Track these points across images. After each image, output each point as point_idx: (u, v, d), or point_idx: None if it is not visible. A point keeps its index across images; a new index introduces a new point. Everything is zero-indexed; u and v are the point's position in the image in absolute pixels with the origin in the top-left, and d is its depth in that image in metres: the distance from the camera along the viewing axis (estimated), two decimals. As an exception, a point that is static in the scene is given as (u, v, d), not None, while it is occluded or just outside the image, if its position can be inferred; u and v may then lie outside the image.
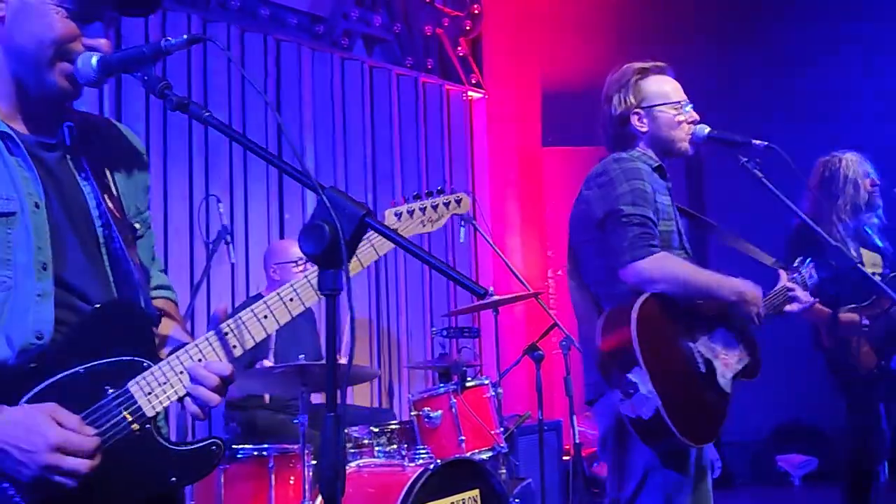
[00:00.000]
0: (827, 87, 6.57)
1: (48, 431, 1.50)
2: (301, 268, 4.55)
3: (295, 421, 3.69)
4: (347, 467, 3.81)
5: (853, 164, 4.08)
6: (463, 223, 4.99)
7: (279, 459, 3.70)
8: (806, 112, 6.58)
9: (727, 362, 2.77)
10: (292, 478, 3.72)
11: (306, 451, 3.60)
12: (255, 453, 3.74)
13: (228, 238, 3.94)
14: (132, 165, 1.86)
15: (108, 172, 1.78)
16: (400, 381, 5.80)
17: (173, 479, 1.65)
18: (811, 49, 6.64)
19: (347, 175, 5.88)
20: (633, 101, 2.89)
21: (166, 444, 1.67)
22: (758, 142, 2.96)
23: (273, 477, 3.67)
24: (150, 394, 1.64)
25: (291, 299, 1.76)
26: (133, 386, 1.63)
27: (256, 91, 4.82)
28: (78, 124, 1.76)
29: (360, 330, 5.80)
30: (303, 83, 5.68)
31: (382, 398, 5.65)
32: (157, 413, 1.65)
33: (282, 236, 5.35)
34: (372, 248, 1.90)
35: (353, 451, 3.99)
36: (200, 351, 1.69)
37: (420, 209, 2.06)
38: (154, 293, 1.92)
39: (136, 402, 1.63)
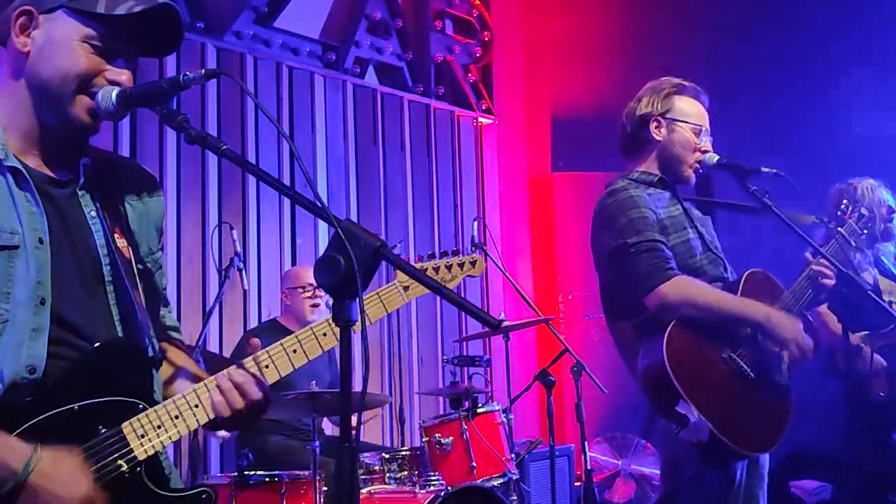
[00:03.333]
0: (839, 112, 6.57)
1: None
2: (310, 293, 4.57)
3: (307, 447, 3.70)
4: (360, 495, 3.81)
5: (869, 191, 4.06)
6: (473, 249, 5.00)
7: (291, 485, 3.70)
8: (815, 138, 6.58)
9: (780, 354, 2.76)
10: (304, 504, 3.72)
11: (318, 478, 3.61)
12: (267, 479, 3.74)
13: (241, 265, 3.96)
14: (148, 206, 1.86)
15: (121, 211, 1.78)
16: (411, 408, 5.79)
17: None
18: (824, 74, 6.66)
19: (359, 201, 5.92)
20: (659, 107, 2.94)
21: (155, 489, 1.64)
22: (766, 169, 2.98)
23: (285, 503, 3.67)
24: (143, 436, 1.61)
25: (325, 334, 1.83)
26: (126, 427, 1.61)
27: (270, 121, 4.85)
28: (95, 162, 1.77)
29: (371, 357, 5.81)
30: (315, 110, 5.73)
31: (393, 425, 5.65)
32: (149, 456, 1.63)
33: (294, 263, 5.37)
34: (381, 303, 1.90)
35: (364, 477, 3.99)
36: (209, 390, 1.69)
37: (434, 268, 2.04)
38: (171, 334, 1.92)
39: (128, 444, 1.60)
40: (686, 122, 2.93)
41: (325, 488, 3.71)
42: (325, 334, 1.83)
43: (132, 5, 1.66)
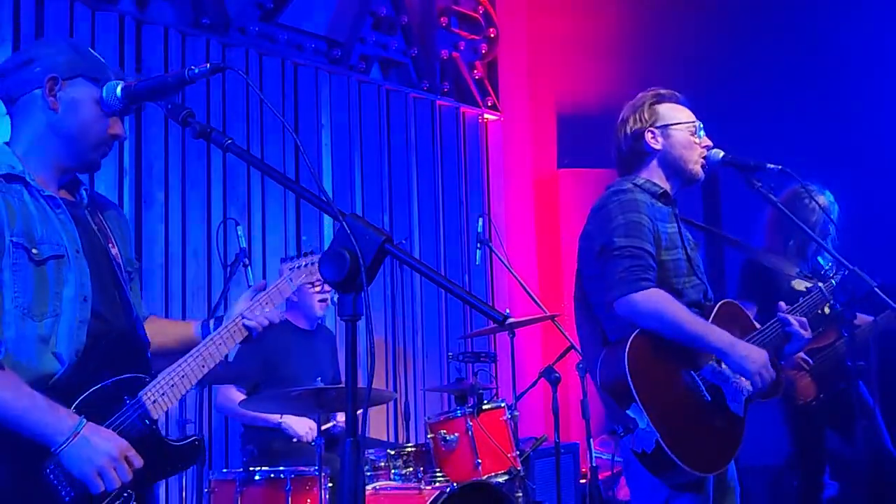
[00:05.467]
0: (848, 111, 6.54)
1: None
2: (318, 288, 4.55)
3: (312, 444, 3.70)
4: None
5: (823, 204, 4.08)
6: (479, 245, 5.00)
7: (296, 482, 3.70)
8: (821, 136, 6.56)
9: (740, 385, 2.75)
10: (309, 500, 3.72)
11: (323, 474, 3.61)
12: (272, 475, 3.74)
13: (246, 261, 3.96)
14: (121, 226, 2.33)
15: (109, 229, 2.25)
16: (416, 404, 5.79)
17: (169, 467, 2.18)
18: (829, 72, 6.63)
19: (364, 197, 5.92)
20: (647, 119, 2.91)
21: (165, 438, 2.16)
22: (772, 165, 2.97)
23: (290, 499, 3.67)
24: (154, 402, 2.12)
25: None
26: (144, 395, 2.12)
27: (275, 115, 4.88)
28: (88, 190, 2.26)
29: (376, 352, 5.81)
30: (320, 106, 5.73)
31: (398, 421, 5.65)
32: (159, 415, 2.14)
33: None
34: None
35: (369, 473, 3.98)
36: (202, 355, 2.21)
37: (290, 269, 2.52)
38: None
39: (145, 408, 2.11)
40: (679, 124, 2.91)
41: (330, 484, 3.71)
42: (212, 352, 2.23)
43: (135, 79, 2.05)
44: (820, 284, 3.07)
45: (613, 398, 2.66)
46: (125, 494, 2.03)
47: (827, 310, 3.69)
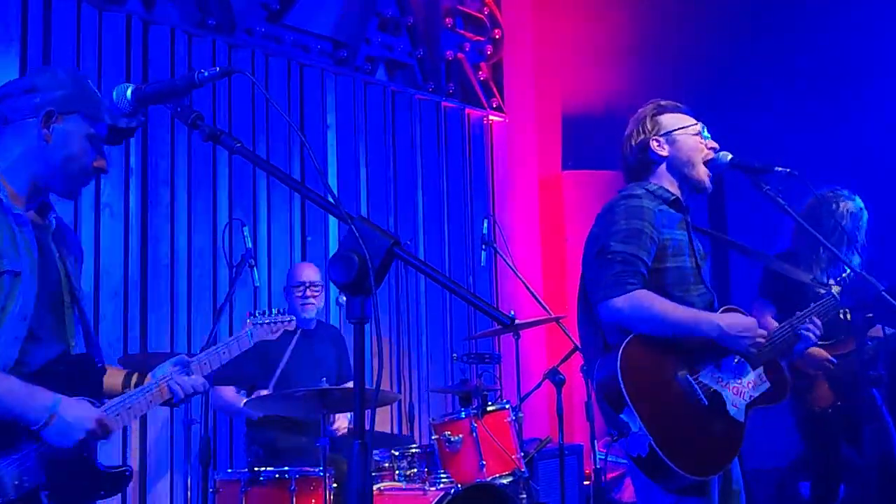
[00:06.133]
0: (857, 113, 6.53)
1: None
2: (301, 293, 4.54)
3: (317, 444, 3.71)
4: (369, 491, 3.82)
5: (848, 211, 4.05)
6: (483, 247, 5.00)
7: (301, 482, 3.71)
8: (830, 138, 6.55)
9: (740, 391, 2.74)
10: (313, 501, 3.73)
11: (328, 475, 3.61)
12: (277, 476, 3.75)
13: (252, 262, 3.97)
14: (77, 256, 2.42)
15: (67, 256, 2.34)
16: (420, 405, 5.80)
17: (100, 490, 2.25)
18: (838, 73, 6.62)
19: (369, 198, 5.92)
20: (650, 129, 2.92)
21: (97, 464, 2.24)
22: (779, 168, 2.96)
23: (294, 500, 3.68)
24: None
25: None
26: None
27: (282, 115, 4.88)
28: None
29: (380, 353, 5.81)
30: (325, 107, 5.74)
31: (403, 422, 5.65)
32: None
33: (303, 259, 5.38)
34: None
35: (374, 474, 3.99)
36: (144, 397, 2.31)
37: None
38: None
39: None
40: (683, 128, 2.92)
41: (335, 485, 3.72)
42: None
43: (127, 122, 2.21)
44: (833, 289, 3.06)
45: (607, 402, 2.66)
46: None
47: (849, 316, 3.69)
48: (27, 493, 2.08)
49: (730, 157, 2.93)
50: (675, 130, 2.91)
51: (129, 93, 1.67)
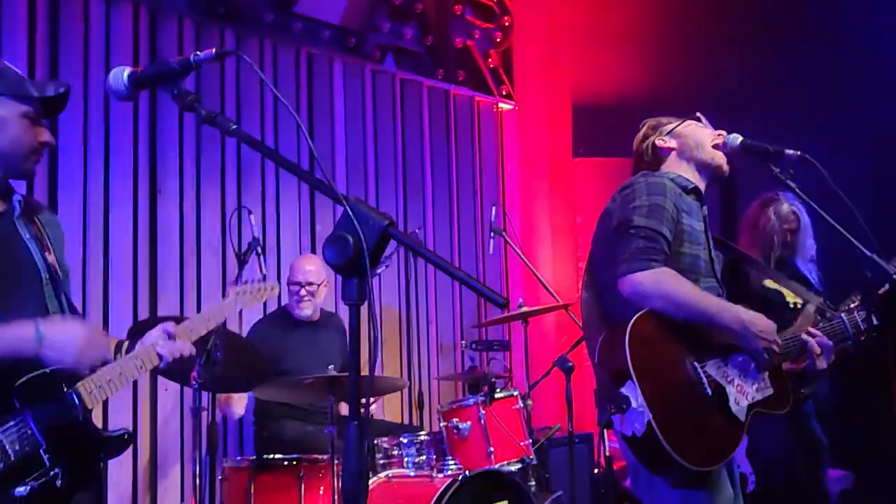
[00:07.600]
0: (871, 102, 6.46)
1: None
2: (295, 290, 4.53)
3: (325, 431, 3.72)
4: (377, 478, 3.83)
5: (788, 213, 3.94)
6: (493, 234, 4.99)
7: (309, 469, 3.72)
8: (841, 127, 6.49)
9: (743, 390, 2.68)
10: (322, 488, 3.74)
11: (336, 462, 3.62)
12: (285, 463, 3.76)
13: (259, 249, 3.96)
14: (58, 233, 2.49)
15: (45, 236, 2.41)
16: (429, 392, 5.80)
17: (102, 453, 2.36)
18: (849, 61, 6.56)
19: (378, 186, 5.92)
20: (653, 131, 2.96)
21: (98, 428, 2.36)
22: (791, 151, 2.91)
23: (303, 487, 3.69)
24: (90, 393, 2.30)
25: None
26: (80, 387, 2.29)
27: (285, 105, 4.86)
28: (23, 198, 2.42)
29: (390, 341, 5.82)
30: (334, 95, 5.73)
31: (412, 409, 5.66)
32: (94, 406, 2.32)
33: (313, 247, 5.38)
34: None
35: (382, 461, 4.00)
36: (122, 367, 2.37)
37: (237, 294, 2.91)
38: None
39: (82, 398, 2.28)
40: (682, 121, 2.94)
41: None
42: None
43: (54, 89, 2.32)
44: (843, 316, 3.00)
45: (608, 374, 2.60)
46: (52, 472, 2.18)
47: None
48: (28, 454, 2.15)
49: (740, 139, 2.89)
50: (676, 126, 2.94)
51: (125, 76, 1.67)
